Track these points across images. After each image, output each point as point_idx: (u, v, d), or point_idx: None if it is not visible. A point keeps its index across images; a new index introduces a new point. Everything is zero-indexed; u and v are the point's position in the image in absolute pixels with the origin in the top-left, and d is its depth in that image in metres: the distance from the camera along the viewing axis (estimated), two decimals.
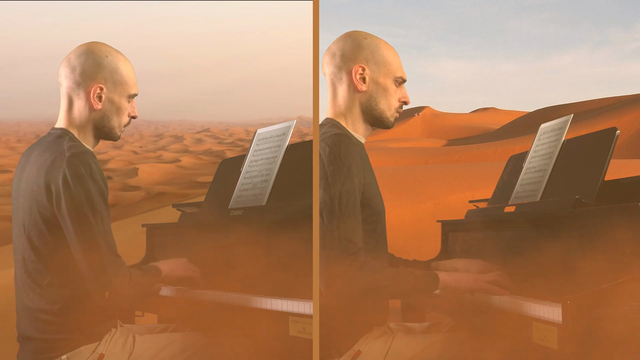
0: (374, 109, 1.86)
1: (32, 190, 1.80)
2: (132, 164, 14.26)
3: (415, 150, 17.16)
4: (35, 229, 1.79)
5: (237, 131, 23.87)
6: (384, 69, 1.86)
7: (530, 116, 28.02)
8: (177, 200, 8.87)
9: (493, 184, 2.70)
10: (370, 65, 1.85)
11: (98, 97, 1.87)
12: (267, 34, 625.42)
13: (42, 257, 1.79)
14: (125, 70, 1.91)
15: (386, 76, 1.87)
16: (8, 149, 16.95)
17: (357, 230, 1.70)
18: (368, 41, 1.87)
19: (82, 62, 1.86)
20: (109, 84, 1.88)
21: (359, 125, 1.88)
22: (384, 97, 1.87)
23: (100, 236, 1.75)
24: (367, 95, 1.86)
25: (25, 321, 1.85)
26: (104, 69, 1.87)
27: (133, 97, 1.94)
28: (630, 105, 19.72)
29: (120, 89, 1.90)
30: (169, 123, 30.78)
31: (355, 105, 1.86)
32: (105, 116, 1.89)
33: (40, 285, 1.80)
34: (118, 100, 1.90)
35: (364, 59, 1.85)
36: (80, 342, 1.81)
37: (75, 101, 1.88)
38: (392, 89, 1.88)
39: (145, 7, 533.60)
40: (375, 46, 1.87)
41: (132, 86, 1.92)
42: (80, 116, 1.88)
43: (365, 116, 1.87)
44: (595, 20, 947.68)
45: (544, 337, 1.59)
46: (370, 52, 1.86)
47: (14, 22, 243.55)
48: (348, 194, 1.70)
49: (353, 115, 1.87)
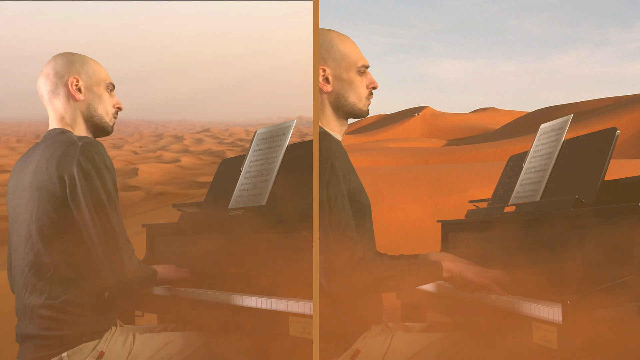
0: (345, 104, 1.86)
1: (41, 180, 1.82)
2: (132, 164, 14.26)
3: (415, 150, 17.17)
4: (45, 217, 1.81)
5: (237, 131, 23.87)
6: (344, 63, 1.85)
7: (530, 116, 28.04)
8: (177, 200, 8.87)
9: (493, 184, 2.70)
10: (329, 64, 1.84)
11: (77, 88, 1.96)
12: (267, 34, 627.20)
13: (50, 246, 1.81)
14: (94, 64, 2.01)
15: (348, 70, 1.86)
16: (8, 149, 16.96)
17: (349, 225, 1.70)
18: (321, 39, 1.86)
19: (52, 65, 1.98)
20: (83, 74, 1.98)
21: (333, 123, 1.88)
22: (351, 91, 1.86)
23: (116, 222, 1.80)
24: (334, 94, 1.85)
25: (25, 320, 1.85)
26: (74, 63, 1.98)
27: (112, 88, 2.03)
28: (630, 105, 19.73)
29: (95, 79, 1.99)
30: (169, 123, 30.79)
31: (326, 107, 1.87)
32: (90, 105, 1.98)
33: (42, 279, 1.81)
34: (97, 90, 2.00)
35: (322, 59, 1.84)
36: (80, 339, 1.82)
37: (58, 101, 1.96)
38: (357, 80, 1.86)
39: (145, 7, 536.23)
40: (329, 42, 1.85)
41: (106, 76, 2.03)
42: (68, 113, 1.96)
43: (338, 113, 1.88)
44: (595, 20, 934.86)
45: (544, 337, 1.59)
46: (325, 50, 1.85)
47: (14, 22, 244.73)
48: (335, 190, 1.70)
49: (326, 115, 1.87)
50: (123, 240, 1.81)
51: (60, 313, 1.80)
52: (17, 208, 1.90)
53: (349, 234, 1.68)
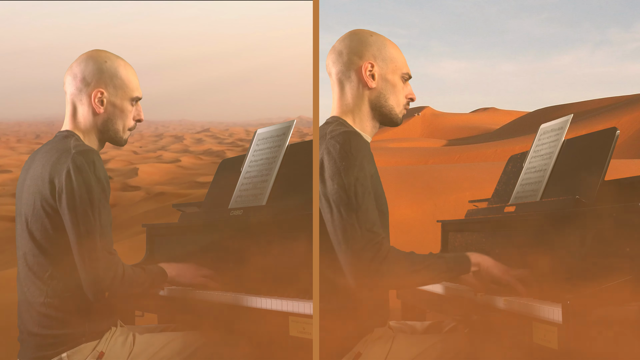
0: (384, 105, 1.87)
1: (36, 185, 1.83)
2: (132, 164, 14.27)
3: (415, 150, 17.16)
4: (38, 222, 1.81)
5: (237, 131, 23.88)
6: (392, 65, 1.87)
7: (530, 116, 28.03)
8: (177, 200, 8.87)
9: (493, 184, 2.70)
10: (379, 62, 1.86)
11: (100, 101, 1.91)
12: (267, 34, 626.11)
13: (44, 250, 1.81)
14: (125, 74, 1.95)
15: (394, 72, 1.88)
16: (8, 149, 16.97)
17: (376, 221, 1.69)
18: (374, 38, 1.88)
19: (82, 69, 1.92)
20: (110, 87, 1.92)
21: (367, 123, 1.88)
22: (392, 94, 1.87)
23: (97, 231, 1.77)
24: (376, 92, 1.86)
25: (26, 317, 1.86)
26: (103, 73, 1.91)
27: (137, 100, 1.98)
28: (630, 105, 19.72)
29: (121, 93, 1.94)
30: (169, 123, 30.80)
31: (364, 103, 1.87)
32: (109, 120, 1.94)
33: (41, 279, 1.82)
34: (120, 104, 1.94)
35: (372, 55, 1.86)
36: (80, 339, 1.82)
37: (78, 107, 1.93)
38: (399, 85, 1.89)
39: (145, 7, 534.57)
40: (382, 43, 1.88)
41: (134, 89, 1.96)
42: (84, 121, 1.93)
43: (374, 113, 1.88)
44: (595, 20, 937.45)
45: (544, 337, 1.59)
46: (377, 49, 1.86)
47: (14, 23, 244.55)
48: (363, 186, 1.69)
49: (361, 112, 1.87)
50: (103, 251, 1.77)
51: (60, 312, 1.81)
52: (19, 208, 1.91)
53: (376, 230, 1.67)
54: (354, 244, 1.65)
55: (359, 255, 1.64)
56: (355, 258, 1.64)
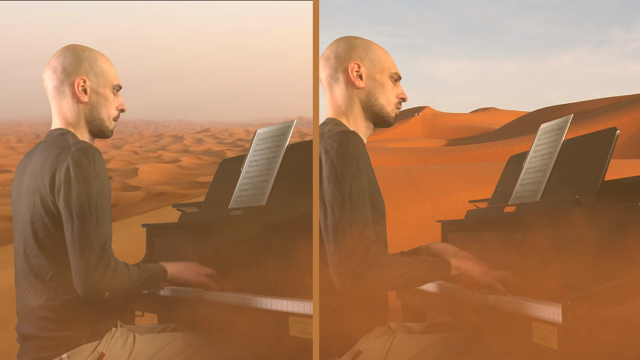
0: (374, 104, 1.89)
1: (36, 183, 1.82)
2: (132, 164, 14.27)
3: (415, 150, 17.16)
4: (39, 221, 1.81)
5: (237, 131, 23.88)
6: (379, 65, 1.90)
7: (530, 116, 28.03)
8: (177, 200, 8.87)
9: (493, 184, 2.70)
10: (365, 63, 1.89)
11: (83, 90, 1.92)
12: (267, 35, 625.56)
13: (45, 250, 1.81)
14: (104, 63, 1.96)
15: (382, 72, 1.90)
16: (8, 149, 16.97)
17: (368, 224, 1.70)
18: (360, 41, 1.92)
19: (61, 60, 1.92)
20: (91, 75, 1.93)
21: (361, 123, 1.90)
22: (382, 92, 1.90)
23: (92, 227, 1.76)
24: (365, 91, 1.89)
25: (26, 320, 1.85)
26: (83, 62, 1.92)
27: (118, 89, 1.99)
28: (630, 105, 19.72)
29: (102, 80, 1.94)
30: (169, 123, 30.79)
31: (355, 103, 1.89)
32: (94, 108, 1.94)
33: (41, 281, 1.81)
34: (103, 92, 1.95)
35: (358, 57, 1.89)
36: (80, 340, 1.82)
37: (63, 100, 1.93)
38: (389, 85, 1.91)
39: (146, 8, 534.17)
40: (367, 45, 1.92)
41: (114, 77, 1.98)
42: (71, 114, 1.93)
43: (366, 113, 1.90)
44: (595, 20, 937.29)
45: (544, 337, 1.59)
46: (363, 51, 1.90)
47: (14, 23, 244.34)
48: (358, 188, 1.71)
49: (354, 113, 1.89)
50: (96, 248, 1.75)
51: (60, 314, 1.80)
52: (17, 209, 1.90)
53: (367, 232, 1.68)
54: (343, 246, 1.66)
55: (346, 257, 1.65)
56: (343, 259, 1.65)
